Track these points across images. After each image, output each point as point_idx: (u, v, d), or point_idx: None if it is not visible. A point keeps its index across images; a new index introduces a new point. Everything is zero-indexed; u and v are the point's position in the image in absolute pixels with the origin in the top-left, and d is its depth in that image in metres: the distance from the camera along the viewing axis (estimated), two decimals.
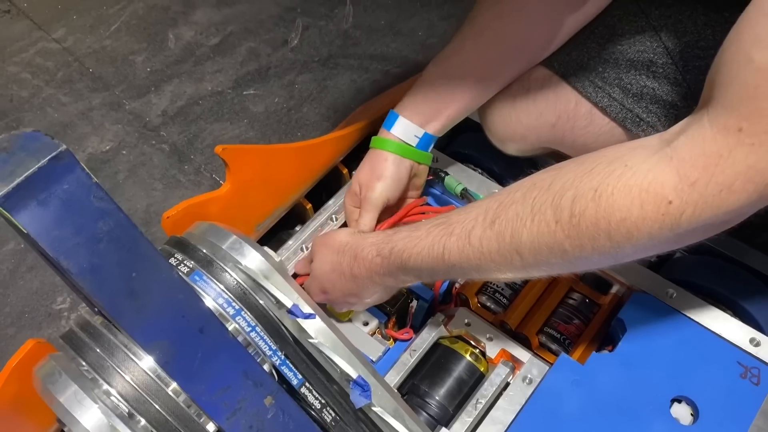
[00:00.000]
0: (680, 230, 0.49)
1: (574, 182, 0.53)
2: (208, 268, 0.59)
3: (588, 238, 0.52)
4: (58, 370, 0.56)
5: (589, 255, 0.54)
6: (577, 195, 0.52)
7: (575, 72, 0.77)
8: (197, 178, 1.35)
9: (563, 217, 0.53)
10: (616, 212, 0.50)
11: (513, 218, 0.57)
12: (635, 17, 0.75)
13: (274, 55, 1.58)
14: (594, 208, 0.51)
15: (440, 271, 0.65)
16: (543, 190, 0.55)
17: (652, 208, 0.49)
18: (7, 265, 1.23)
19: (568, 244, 0.53)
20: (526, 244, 0.56)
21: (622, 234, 0.51)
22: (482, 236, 0.59)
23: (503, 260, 0.58)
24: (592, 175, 0.52)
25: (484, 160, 0.96)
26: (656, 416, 0.69)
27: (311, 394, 0.62)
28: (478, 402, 0.72)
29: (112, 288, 0.49)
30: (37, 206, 0.46)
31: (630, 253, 0.53)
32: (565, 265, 0.56)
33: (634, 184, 0.50)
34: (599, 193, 0.51)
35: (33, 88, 1.58)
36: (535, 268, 0.58)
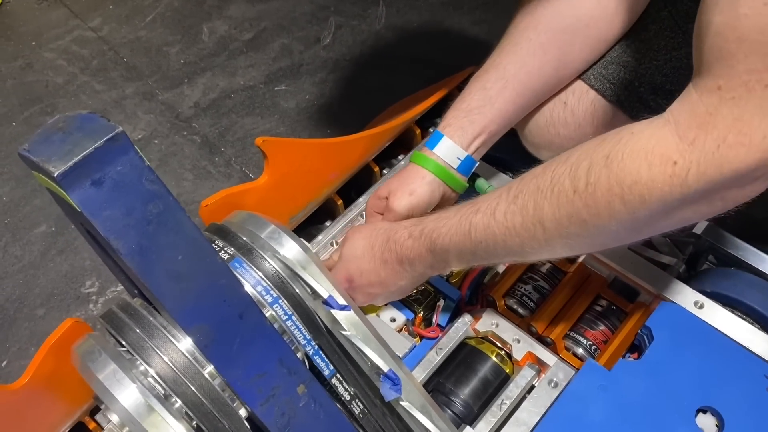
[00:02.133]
0: (690, 191, 0.50)
1: (588, 152, 0.56)
2: (248, 256, 0.60)
3: (604, 204, 0.54)
4: (97, 348, 0.57)
5: (606, 222, 0.55)
6: (592, 163, 0.55)
7: (612, 87, 0.77)
8: (227, 170, 1.36)
9: (580, 186, 0.55)
10: (627, 176, 0.52)
11: (534, 191, 0.59)
12: (671, 33, 0.75)
13: (306, 53, 1.59)
14: (606, 174, 0.53)
15: (467, 252, 0.66)
16: (561, 162, 0.58)
17: (659, 170, 0.51)
18: (38, 247, 1.25)
19: (586, 213, 0.55)
20: (547, 215, 0.58)
21: (636, 197, 0.52)
22: (506, 210, 0.61)
23: (527, 233, 0.60)
24: (603, 144, 0.55)
25: (517, 164, 0.96)
26: (681, 425, 0.69)
27: (341, 385, 0.63)
28: (503, 403, 0.73)
29: (158, 270, 0.50)
30: (91, 186, 0.47)
31: (646, 220, 0.54)
32: (586, 237, 0.58)
33: (640, 147, 0.52)
34: (610, 159, 0.53)
35: (68, 75, 1.60)
36: (558, 240, 0.59)
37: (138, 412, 0.54)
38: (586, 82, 0.78)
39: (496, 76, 0.79)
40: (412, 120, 0.98)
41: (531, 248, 0.62)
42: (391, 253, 0.72)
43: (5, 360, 1.10)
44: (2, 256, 1.25)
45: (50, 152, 0.46)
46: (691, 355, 0.73)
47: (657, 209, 0.53)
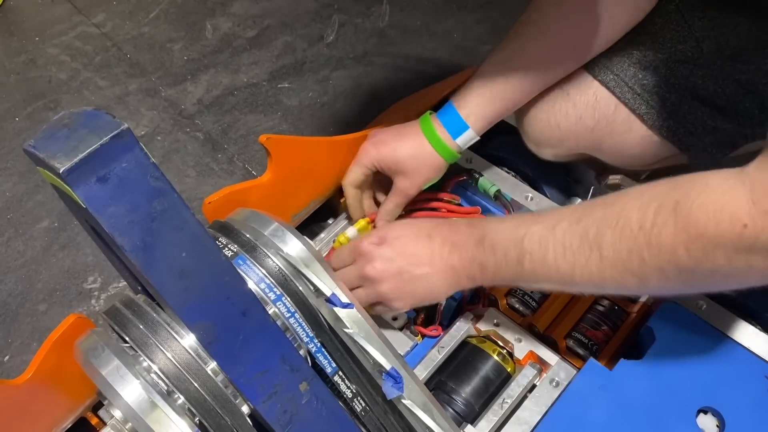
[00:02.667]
0: (757, 257, 0.50)
1: (660, 194, 0.55)
2: (251, 253, 0.60)
3: (667, 248, 0.53)
4: (100, 344, 0.57)
5: (665, 266, 0.54)
6: (662, 205, 0.54)
7: (615, 78, 0.77)
8: (230, 168, 1.36)
9: (646, 224, 0.54)
10: (693, 227, 0.51)
11: (600, 218, 0.58)
12: (678, 26, 0.75)
13: (309, 50, 1.59)
14: (674, 220, 0.53)
15: (512, 260, 0.64)
16: (633, 197, 0.57)
17: (727, 228, 0.50)
18: (40, 243, 1.26)
19: (647, 251, 0.55)
20: (607, 243, 0.57)
21: (699, 249, 0.52)
22: (567, 229, 0.60)
23: (582, 257, 0.59)
24: (676, 189, 0.54)
25: (518, 164, 0.97)
26: (682, 426, 0.69)
27: (343, 383, 0.63)
28: (505, 401, 0.73)
29: (162, 267, 0.50)
30: (96, 182, 0.47)
31: (705, 278, 0.54)
32: (640, 276, 0.57)
33: (711, 202, 0.51)
34: (680, 207, 0.52)
35: (71, 70, 1.60)
36: (610, 272, 0.58)
37: (141, 408, 0.54)
38: (590, 72, 0.78)
39: (519, 60, 0.78)
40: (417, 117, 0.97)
41: (580, 275, 0.60)
42: (439, 230, 0.70)
43: (7, 355, 1.11)
44: (5, 251, 1.25)
45: (56, 148, 0.46)
46: (692, 355, 0.73)
47: (719, 265, 0.52)
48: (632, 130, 0.79)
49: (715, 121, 0.74)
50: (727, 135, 0.75)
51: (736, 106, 0.73)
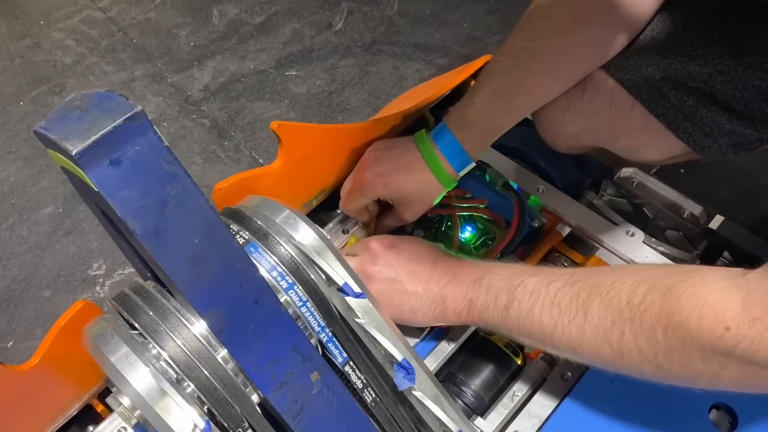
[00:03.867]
0: (732, 362, 0.50)
1: (656, 276, 0.56)
2: (263, 241, 0.59)
3: (647, 328, 0.54)
4: (109, 331, 0.56)
5: (642, 345, 0.55)
6: (654, 287, 0.55)
7: (633, 78, 0.76)
8: (237, 155, 1.35)
9: (634, 301, 0.55)
10: (677, 314, 0.52)
11: (593, 285, 0.59)
12: (700, 29, 0.73)
13: (317, 38, 1.58)
14: (661, 303, 0.53)
15: (501, 303, 0.65)
16: (629, 273, 0.58)
17: (709, 326, 0.50)
18: (45, 228, 1.25)
19: (628, 327, 0.56)
20: (594, 310, 0.58)
21: (677, 337, 0.52)
22: (560, 288, 0.61)
23: (566, 317, 0.60)
24: (672, 275, 0.55)
25: (530, 155, 0.96)
26: (694, 421, 0.69)
27: (354, 373, 0.63)
28: (515, 395, 0.72)
29: (174, 252, 0.49)
30: (109, 165, 0.46)
31: (679, 363, 0.54)
32: (617, 350, 0.57)
33: (701, 296, 0.51)
34: (671, 292, 0.53)
35: (77, 55, 1.59)
36: (591, 339, 0.59)
37: (150, 396, 0.53)
38: (607, 71, 0.77)
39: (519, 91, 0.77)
40: (426, 107, 0.96)
41: (560, 334, 0.61)
42: (446, 260, 0.71)
43: (11, 340, 1.10)
44: (9, 237, 1.24)
45: (68, 130, 0.45)
46: None
47: (692, 359, 0.52)
48: (648, 129, 0.78)
49: (732, 125, 0.73)
50: (743, 138, 0.74)
51: (755, 112, 0.72)
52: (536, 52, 0.76)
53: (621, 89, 0.77)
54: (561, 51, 0.76)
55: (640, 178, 0.92)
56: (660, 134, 0.77)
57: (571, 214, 0.85)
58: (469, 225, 0.89)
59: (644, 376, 0.59)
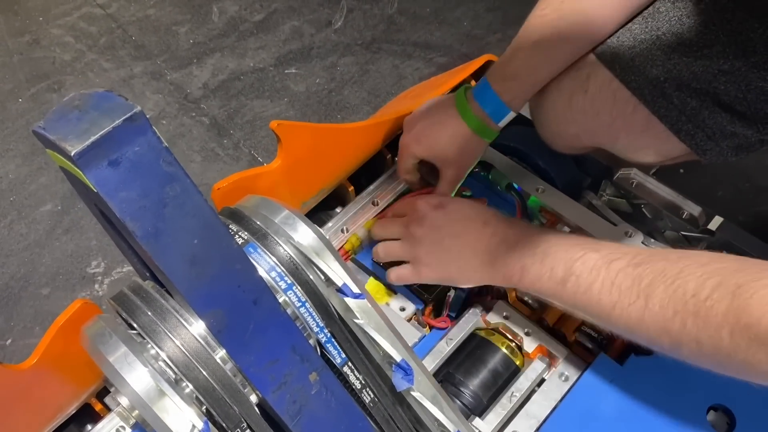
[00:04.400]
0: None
1: (725, 271, 0.54)
2: (262, 241, 0.59)
3: (712, 324, 0.52)
4: (108, 330, 0.56)
5: (704, 340, 0.54)
6: (722, 283, 0.53)
7: (637, 79, 0.76)
8: (236, 153, 1.35)
9: (701, 295, 0.54)
10: (745, 315, 0.50)
11: (658, 271, 0.57)
12: (705, 28, 0.73)
13: (317, 36, 1.58)
14: (729, 302, 0.51)
15: (557, 275, 0.64)
16: (697, 264, 0.56)
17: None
18: (43, 226, 1.25)
19: (691, 320, 0.54)
20: (657, 297, 0.57)
21: (743, 338, 0.51)
22: (622, 269, 0.60)
23: (626, 299, 0.59)
24: (742, 273, 0.53)
25: (529, 155, 0.96)
26: (692, 423, 0.69)
27: (353, 374, 0.63)
28: (513, 395, 0.72)
29: (173, 253, 0.49)
30: (108, 166, 0.46)
31: (740, 362, 0.53)
32: (676, 340, 0.56)
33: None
34: (740, 291, 0.51)
35: (75, 52, 1.59)
36: (648, 325, 0.58)
37: (148, 396, 0.53)
38: (611, 70, 0.76)
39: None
40: None
41: (618, 316, 0.60)
42: (496, 221, 0.70)
43: (9, 338, 1.10)
44: (7, 234, 1.24)
45: (67, 130, 0.45)
46: None
47: (758, 360, 0.51)
48: (650, 129, 0.77)
49: (734, 127, 0.73)
50: (745, 140, 0.74)
51: (757, 113, 0.72)
52: (580, 6, 0.75)
53: (624, 90, 0.77)
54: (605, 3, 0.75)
55: (639, 179, 0.92)
56: (661, 136, 0.77)
57: (570, 214, 0.85)
58: None
59: (701, 365, 0.57)
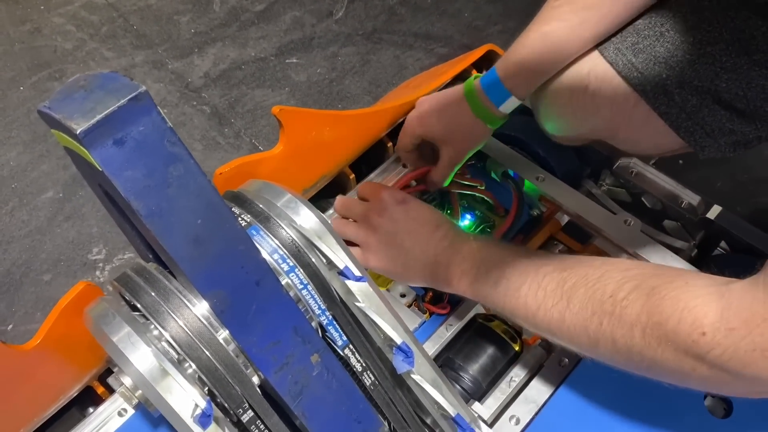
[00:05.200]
0: (703, 366, 0.52)
1: (643, 276, 0.57)
2: (264, 224, 0.60)
3: (626, 324, 0.55)
4: (111, 311, 0.56)
5: (618, 338, 0.56)
6: (639, 285, 0.56)
7: (639, 75, 0.76)
8: (237, 142, 1.35)
9: (618, 296, 0.57)
10: (656, 314, 0.53)
11: (581, 275, 0.61)
12: (709, 26, 0.73)
13: (318, 26, 1.58)
14: (643, 302, 0.55)
15: (491, 278, 0.67)
16: (618, 268, 0.60)
17: (685, 329, 0.51)
18: (45, 213, 1.25)
19: (607, 320, 0.57)
20: (577, 298, 0.60)
21: (653, 337, 0.53)
22: (549, 273, 0.63)
23: (550, 300, 0.62)
24: (658, 276, 0.56)
25: (530, 144, 0.96)
26: (690, 408, 0.70)
27: (354, 356, 0.63)
28: (512, 380, 0.73)
29: (177, 233, 0.50)
30: (113, 145, 0.46)
31: (648, 364, 0.56)
32: (594, 339, 0.59)
33: (682, 299, 0.52)
34: (654, 292, 0.54)
35: (77, 40, 1.59)
36: (570, 326, 0.61)
37: (152, 376, 0.54)
38: (615, 67, 0.77)
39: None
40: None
41: (542, 317, 0.63)
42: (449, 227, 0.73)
43: (11, 324, 1.11)
44: (9, 221, 1.24)
45: (72, 110, 0.46)
46: None
47: (665, 358, 0.54)
48: (650, 125, 0.78)
49: (733, 124, 0.74)
50: (743, 137, 0.75)
51: (756, 110, 0.72)
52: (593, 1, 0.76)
53: (625, 86, 0.77)
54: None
55: (638, 168, 0.93)
56: (661, 131, 0.77)
57: (570, 202, 0.86)
58: (469, 213, 0.90)
59: (615, 365, 0.60)
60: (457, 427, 0.65)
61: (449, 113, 0.82)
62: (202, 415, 0.54)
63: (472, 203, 0.91)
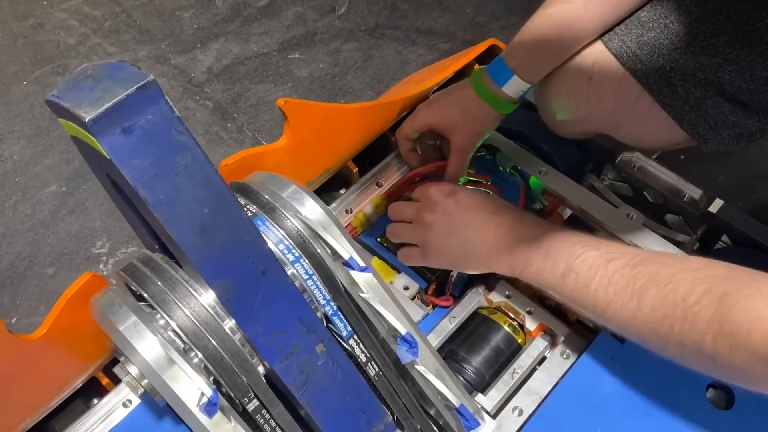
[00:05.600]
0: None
1: (714, 278, 0.56)
2: (270, 214, 0.60)
3: (698, 329, 0.54)
4: (117, 301, 0.57)
5: (689, 343, 0.55)
6: (710, 290, 0.55)
7: (643, 67, 0.76)
8: (240, 137, 1.36)
9: (689, 300, 0.55)
10: (729, 323, 0.52)
11: (653, 273, 0.59)
12: (713, 18, 0.74)
13: (320, 21, 1.58)
14: (714, 309, 0.53)
15: (558, 270, 0.66)
16: (689, 270, 0.58)
17: (758, 339, 0.50)
18: (48, 207, 1.25)
19: (679, 324, 0.56)
20: (648, 299, 0.59)
21: (725, 346, 0.52)
22: (619, 269, 0.62)
23: (619, 299, 0.61)
24: (730, 280, 0.55)
25: (533, 138, 0.96)
26: (692, 400, 0.70)
27: (358, 347, 0.63)
28: (516, 372, 0.73)
29: (184, 222, 0.50)
30: (121, 134, 0.47)
31: (718, 368, 0.55)
32: (664, 341, 0.58)
33: (755, 308, 0.51)
34: (726, 299, 0.53)
35: (80, 35, 1.59)
36: (638, 325, 0.60)
37: (158, 365, 0.54)
38: (618, 59, 0.77)
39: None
40: (430, 90, 0.97)
41: (612, 314, 0.62)
42: (505, 212, 0.72)
43: (15, 317, 1.11)
44: (12, 215, 1.25)
45: (80, 98, 0.46)
46: None
47: (737, 366, 0.53)
48: (652, 117, 0.78)
49: (736, 117, 0.74)
50: (746, 129, 0.75)
51: (759, 102, 0.72)
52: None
53: (628, 78, 0.77)
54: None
55: (640, 162, 0.93)
56: (664, 123, 0.78)
57: (573, 196, 0.86)
58: None
59: (687, 365, 0.59)
60: (460, 417, 0.66)
61: (454, 98, 0.83)
62: (208, 404, 0.54)
63: None
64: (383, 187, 0.90)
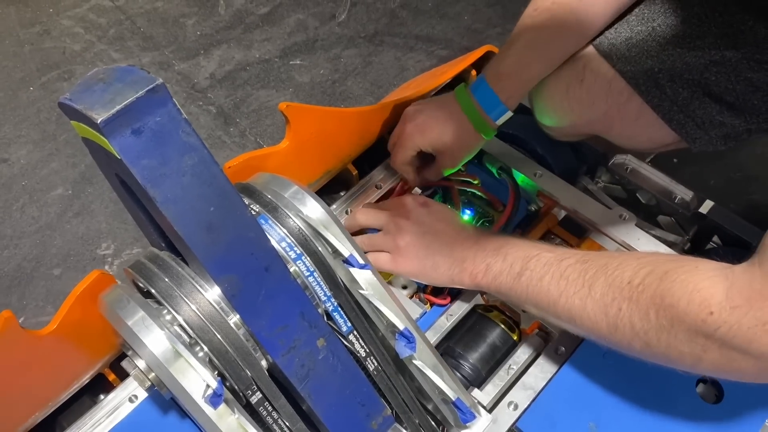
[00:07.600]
0: (713, 346, 0.55)
1: (657, 262, 0.60)
2: (273, 213, 0.62)
3: (643, 306, 0.59)
4: (125, 297, 0.59)
5: (636, 321, 0.59)
6: (653, 271, 0.59)
7: (632, 69, 0.79)
8: (242, 141, 1.38)
9: (635, 281, 0.60)
10: (669, 296, 0.56)
11: (601, 265, 0.64)
12: (698, 20, 0.76)
13: (321, 29, 1.61)
14: (656, 285, 0.58)
15: (515, 270, 0.70)
16: (634, 258, 0.63)
17: (695, 309, 0.54)
18: (54, 209, 1.28)
19: (626, 305, 0.60)
20: (598, 285, 0.63)
21: (667, 318, 0.57)
22: (571, 264, 0.66)
23: (572, 289, 0.65)
24: (671, 262, 0.59)
25: (528, 141, 0.98)
26: (682, 395, 0.72)
27: (358, 342, 0.66)
28: (511, 368, 0.75)
29: (191, 220, 0.52)
30: (131, 135, 0.49)
31: (663, 347, 0.58)
32: (614, 325, 0.62)
33: (692, 282, 0.56)
34: (666, 276, 0.58)
35: (85, 42, 1.62)
36: (591, 313, 0.63)
37: (165, 358, 0.56)
38: (608, 61, 0.79)
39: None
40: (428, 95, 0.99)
41: (563, 304, 0.65)
42: (472, 227, 0.77)
43: (22, 317, 1.13)
44: (20, 217, 1.27)
45: (92, 101, 0.48)
46: None
47: (678, 339, 0.57)
48: (642, 118, 0.80)
49: (723, 117, 0.76)
50: (732, 129, 0.77)
51: (745, 103, 0.74)
52: (570, 5, 0.79)
53: (619, 80, 0.80)
54: (594, 2, 0.79)
55: (633, 165, 0.95)
56: (654, 124, 0.80)
57: (567, 198, 0.88)
58: (468, 208, 0.92)
59: (633, 351, 0.63)
60: (457, 411, 0.68)
61: (451, 125, 0.84)
62: (213, 395, 0.56)
63: (472, 198, 0.93)
64: (382, 189, 0.92)
